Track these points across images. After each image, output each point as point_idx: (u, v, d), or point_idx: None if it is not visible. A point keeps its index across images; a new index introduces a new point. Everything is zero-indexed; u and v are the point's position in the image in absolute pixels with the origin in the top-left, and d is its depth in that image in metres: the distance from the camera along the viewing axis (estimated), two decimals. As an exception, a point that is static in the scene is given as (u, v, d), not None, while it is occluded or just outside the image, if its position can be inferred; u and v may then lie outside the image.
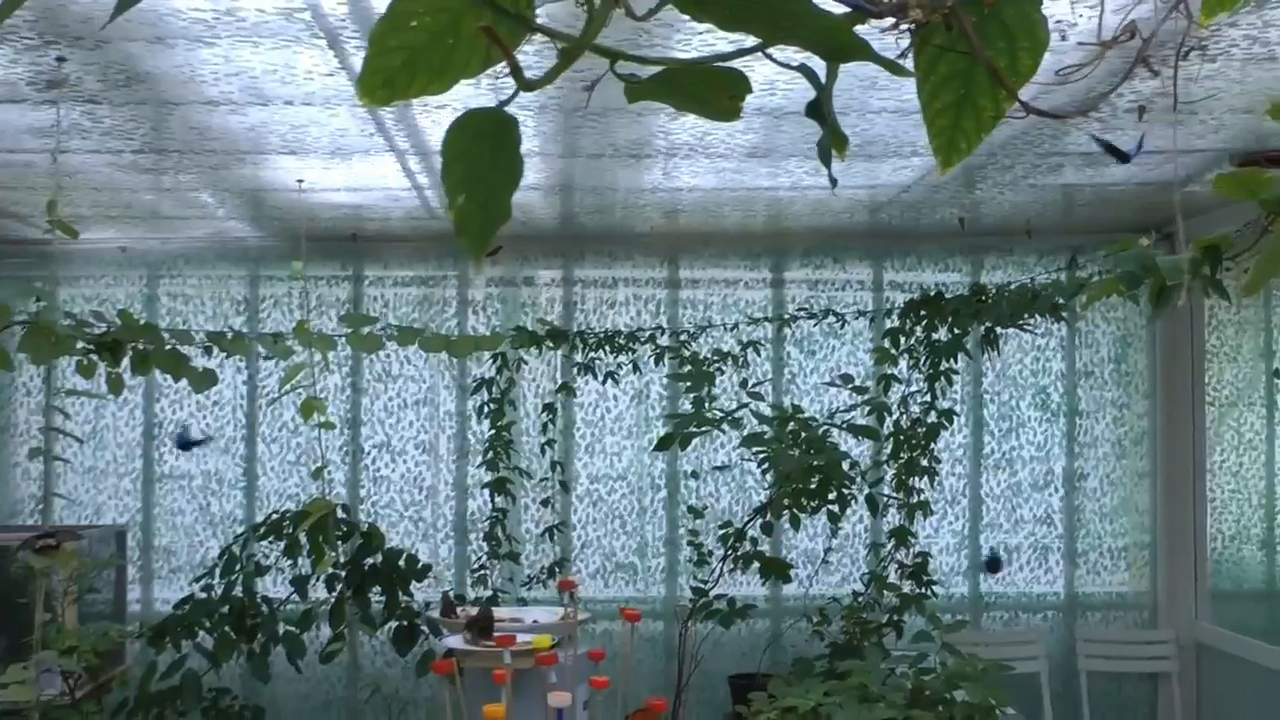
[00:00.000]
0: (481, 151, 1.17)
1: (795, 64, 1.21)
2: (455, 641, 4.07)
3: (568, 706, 3.46)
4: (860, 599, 5.52)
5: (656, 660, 5.89)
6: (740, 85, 1.23)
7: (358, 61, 3.24)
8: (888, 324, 5.79)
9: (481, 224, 1.19)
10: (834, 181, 1.41)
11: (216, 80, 3.39)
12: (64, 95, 3.51)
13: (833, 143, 1.27)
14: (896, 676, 4.47)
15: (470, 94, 3.52)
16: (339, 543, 5.17)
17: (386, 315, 5.86)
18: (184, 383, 4.60)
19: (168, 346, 4.61)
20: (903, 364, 5.65)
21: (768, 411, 5.35)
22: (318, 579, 5.23)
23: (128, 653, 5.48)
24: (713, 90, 1.23)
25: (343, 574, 5.16)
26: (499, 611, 4.83)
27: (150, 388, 5.97)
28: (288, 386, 4.31)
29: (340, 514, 5.08)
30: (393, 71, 1.17)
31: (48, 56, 3.21)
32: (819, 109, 1.26)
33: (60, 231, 3.54)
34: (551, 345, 5.63)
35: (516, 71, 1.10)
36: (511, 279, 6.02)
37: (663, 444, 5.25)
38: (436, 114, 3.73)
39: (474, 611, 4.47)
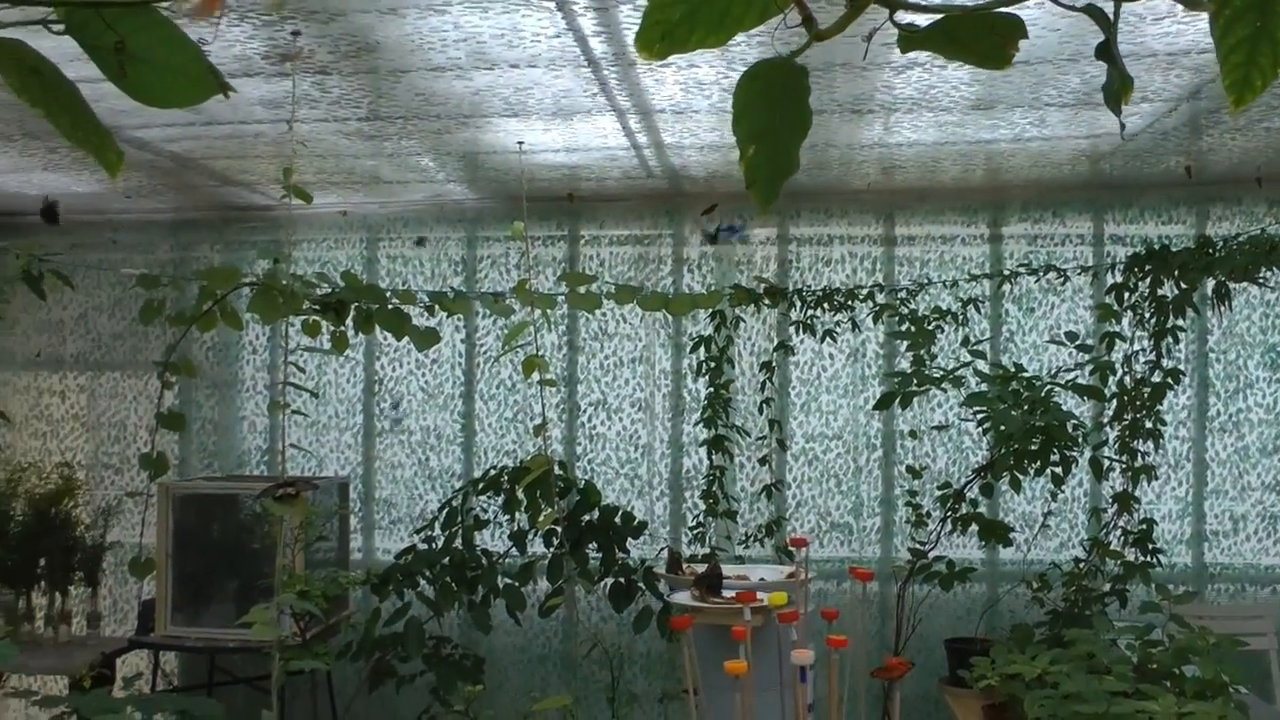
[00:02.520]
0: (771, 102, 1.16)
1: (1081, 4, 1.16)
2: (683, 597, 4.08)
3: (811, 664, 3.43)
4: (1082, 566, 5.36)
5: (871, 621, 5.83)
6: (1016, 31, 1.19)
7: (584, 23, 3.26)
8: (1109, 279, 5.58)
9: (769, 175, 1.17)
10: (1123, 126, 1.35)
11: (444, 46, 3.44)
12: (297, 67, 3.60)
13: (1120, 86, 1.22)
14: (1120, 648, 4.34)
15: (697, 51, 3.50)
16: (556, 499, 5.25)
17: (602, 274, 5.92)
18: (404, 341, 4.74)
19: (391, 306, 4.74)
20: (1126, 320, 5.45)
21: (988, 370, 5.23)
22: (536, 534, 5.32)
23: (350, 599, 5.68)
24: (987, 37, 1.19)
25: (560, 529, 5.23)
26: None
27: (370, 346, 6.15)
28: (510, 345, 4.37)
29: (557, 470, 5.15)
30: (672, 25, 1.16)
31: (283, 31, 3.29)
32: (1107, 50, 1.21)
33: (296, 197, 3.63)
34: (769, 303, 5.58)
35: (808, 20, 1.08)
36: (726, 237, 5.99)
37: (883, 403, 5.17)
38: (660, 72, 3.72)
39: (698, 568, 4.47)
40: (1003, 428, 4.95)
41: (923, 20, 1.12)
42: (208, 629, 5.41)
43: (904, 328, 5.50)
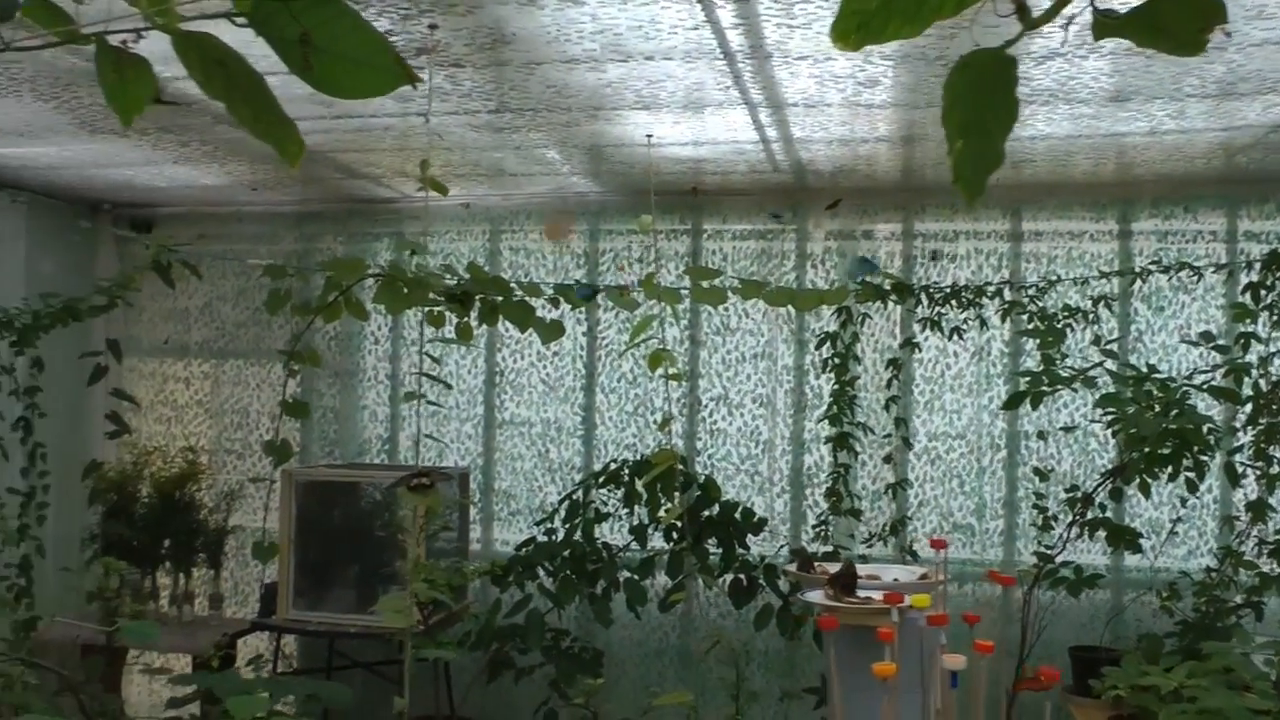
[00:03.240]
0: (980, 94, 1.12)
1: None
2: (816, 597, 4.02)
3: (962, 670, 3.35)
4: (1214, 575, 5.20)
5: (992, 625, 5.72)
6: (1217, 14, 1.14)
7: (723, 15, 3.22)
8: (1244, 278, 5.41)
9: (976, 169, 1.14)
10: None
11: (580, 38, 3.42)
12: (432, 60, 3.60)
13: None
14: (1256, 663, 4.20)
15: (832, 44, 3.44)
16: (677, 494, 5.22)
17: (725, 269, 5.87)
18: (526, 333, 4.74)
19: (516, 298, 4.74)
20: (1262, 320, 5.27)
21: (1121, 370, 5.10)
22: (657, 528, 5.30)
23: (467, 590, 5.70)
24: (1186, 21, 1.15)
25: (680, 524, 5.20)
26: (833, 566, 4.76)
27: (492, 337, 6.17)
28: (637, 339, 4.34)
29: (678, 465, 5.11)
30: (868, 15, 1.13)
31: (420, 24, 3.29)
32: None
33: (433, 190, 3.64)
34: (896, 299, 5.49)
35: (1022, 10, 1.04)
36: (850, 232, 5.91)
37: (1012, 402, 5.06)
38: (795, 65, 3.67)
39: (829, 567, 4.40)
40: (1137, 430, 4.81)
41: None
42: (329, 613, 5.47)
43: (1032, 325, 5.38)
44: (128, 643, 5.71)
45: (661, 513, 5.20)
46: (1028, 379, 4.98)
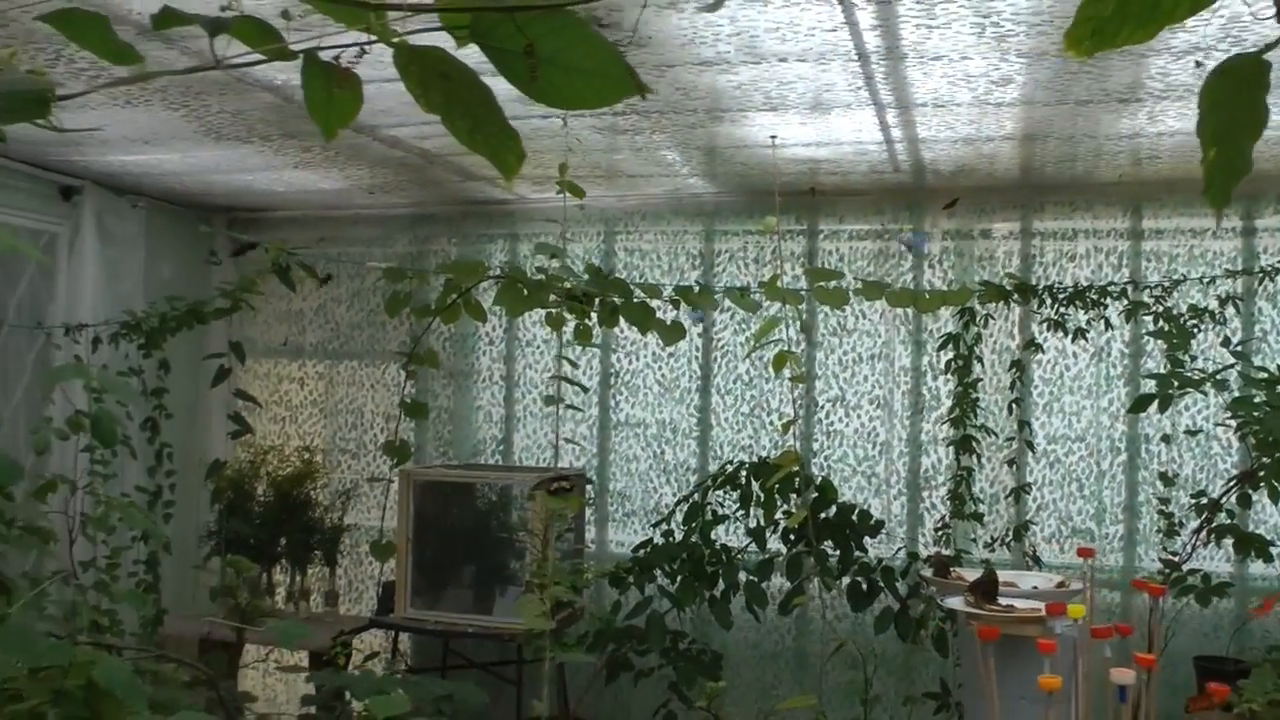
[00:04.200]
0: (1235, 100, 1.09)
1: None
2: (956, 603, 3.97)
3: (1130, 684, 3.28)
4: (1346, 584, 5.07)
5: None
6: None
7: (863, 16, 3.18)
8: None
9: (1226, 176, 1.11)
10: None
11: (716, 41, 3.40)
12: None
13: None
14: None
15: (971, 42, 3.41)
16: (794, 496, 5.18)
17: (841, 269, 5.81)
18: (641, 334, 4.73)
19: (636, 300, 4.73)
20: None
21: (1253, 372, 4.98)
22: (775, 530, 5.26)
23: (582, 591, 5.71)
24: None
25: (793, 525, 5.16)
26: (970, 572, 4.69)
27: (607, 338, 6.17)
28: (760, 341, 4.31)
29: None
30: (1102, 20, 1.10)
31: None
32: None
33: (570, 194, 3.65)
34: (1018, 300, 5.41)
35: None
36: (968, 231, 5.83)
37: (1139, 405, 4.95)
38: (929, 65, 3.62)
39: (965, 574, 4.35)
40: (1271, 435, 4.69)
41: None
42: (445, 613, 5.51)
43: (1157, 326, 5.27)
44: (267, 641, 5.80)
45: (779, 514, 5.18)
46: (1155, 381, 4.88)
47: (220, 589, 5.60)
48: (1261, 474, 4.79)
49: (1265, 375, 4.86)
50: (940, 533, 5.50)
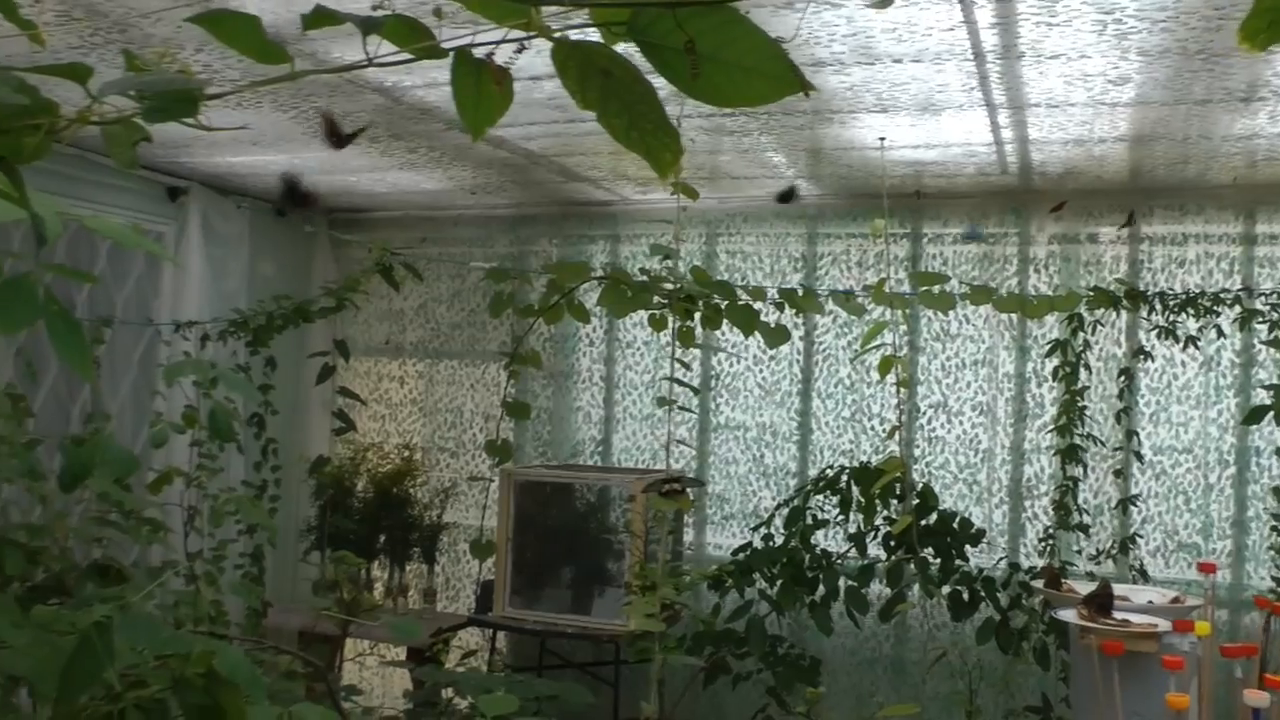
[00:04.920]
0: None
1: None
2: (1070, 616, 3.90)
3: (1265, 707, 3.20)
4: None
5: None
6: None
7: (982, 15, 3.14)
8: None
9: None
10: None
11: (831, 41, 3.37)
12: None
13: None
14: None
15: (1091, 40, 3.35)
16: (895, 502, 5.13)
17: (945, 273, 5.74)
18: (740, 336, 4.69)
19: (740, 302, 4.71)
20: None
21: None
22: (875, 536, 5.22)
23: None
24: None
25: (897, 532, 5.10)
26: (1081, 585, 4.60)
27: (708, 340, 6.13)
28: (868, 345, 4.28)
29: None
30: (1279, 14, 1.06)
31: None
32: None
33: (683, 195, 3.65)
34: (1127, 306, 5.30)
35: None
36: (1074, 235, 5.73)
37: (1254, 416, 4.83)
38: (1046, 64, 3.57)
39: (1076, 586, 4.27)
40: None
41: None
42: (544, 612, 5.52)
43: (1271, 335, 5.14)
44: (370, 636, 5.86)
45: (879, 520, 5.13)
46: (1271, 392, 4.77)
47: (323, 583, 5.66)
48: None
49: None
50: (1045, 543, 5.40)
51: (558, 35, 1.18)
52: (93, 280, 4.94)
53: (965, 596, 5.11)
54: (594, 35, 1.23)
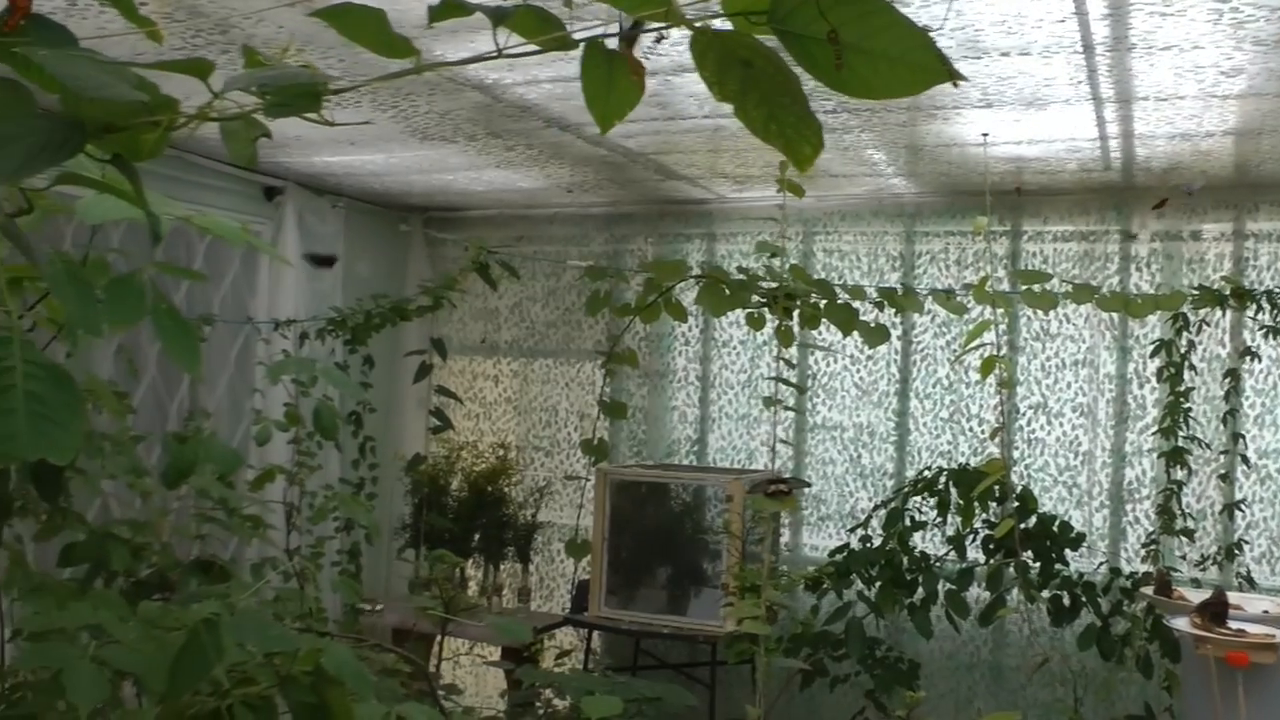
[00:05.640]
0: None
1: None
2: (1181, 625, 3.82)
3: None
4: None
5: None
6: None
7: (1094, 5, 3.08)
8: None
9: None
10: None
11: (938, 36, 3.30)
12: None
13: None
14: None
15: (1205, 30, 3.27)
16: (994, 504, 5.05)
17: (1045, 271, 5.64)
18: (836, 335, 4.64)
19: (840, 301, 4.67)
20: None
21: None
22: (974, 539, 5.14)
23: (775, 594, 5.65)
24: None
25: (1000, 535, 5.01)
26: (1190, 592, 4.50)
27: (803, 339, 6.08)
28: (970, 345, 4.22)
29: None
30: None
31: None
32: None
33: (789, 192, 3.63)
34: (1234, 305, 5.16)
35: None
36: (1176, 233, 5.60)
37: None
38: (1157, 56, 3.49)
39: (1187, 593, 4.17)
40: None
41: None
42: (640, 613, 5.51)
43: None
44: (468, 635, 5.88)
45: (978, 522, 5.05)
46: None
47: (419, 581, 5.70)
48: None
49: None
50: (1147, 549, 5.28)
51: (702, 24, 1.15)
52: (201, 278, 5.00)
53: (1066, 602, 5.02)
54: (728, 26, 1.20)
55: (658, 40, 1.17)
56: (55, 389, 1.48)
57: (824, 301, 4.60)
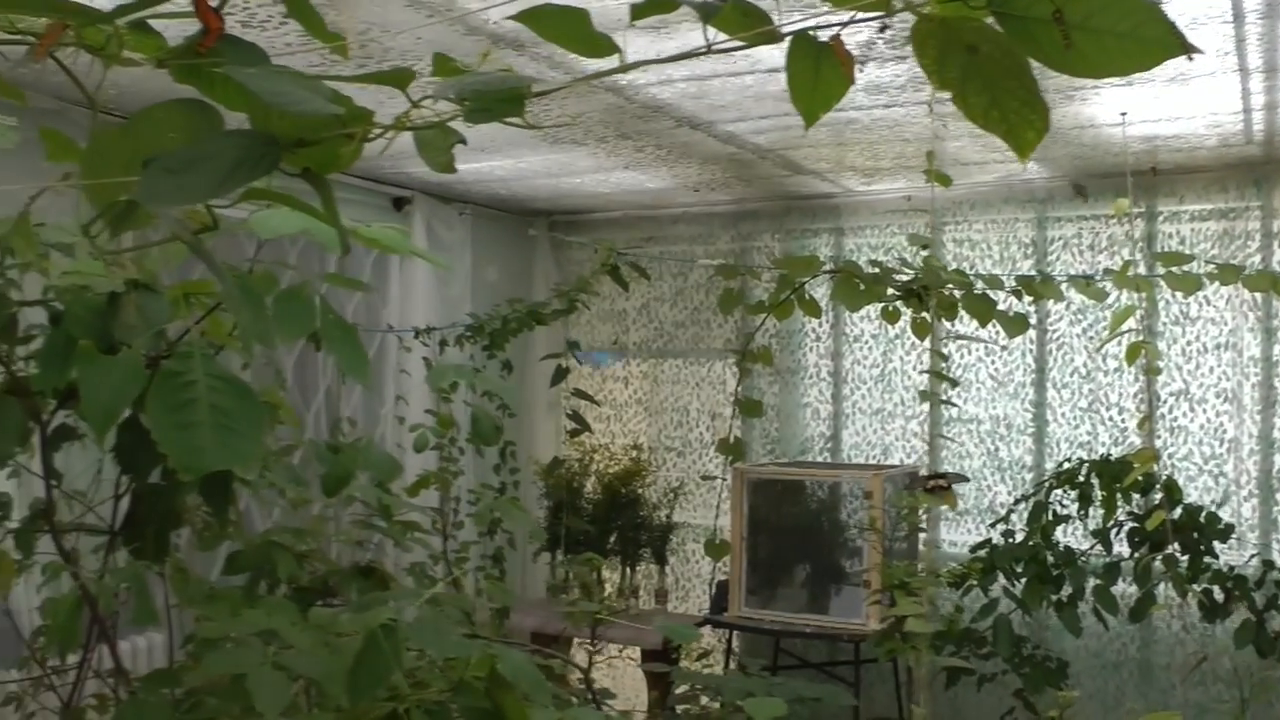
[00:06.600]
0: None
1: None
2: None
3: None
4: None
5: None
6: None
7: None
8: None
9: None
10: None
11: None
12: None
13: None
14: None
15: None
16: (1137, 496, 4.95)
17: (1186, 252, 5.51)
18: (971, 326, 4.58)
19: (976, 291, 4.61)
20: None
21: None
22: (1119, 532, 5.04)
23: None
24: None
25: (1152, 528, 4.90)
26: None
27: (936, 331, 6.00)
28: (1116, 331, 4.14)
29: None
30: None
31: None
32: None
33: (938, 183, 3.60)
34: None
35: None
36: (1321, 208, 5.46)
37: None
38: (1312, 26, 3.41)
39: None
40: None
41: None
42: (780, 612, 5.50)
43: None
44: (612, 638, 5.90)
45: (1121, 514, 4.96)
46: None
47: (558, 584, 5.73)
48: None
49: None
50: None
51: (929, 9, 1.15)
52: (365, 288, 5.08)
53: (1217, 596, 4.88)
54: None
55: (881, 30, 1.17)
56: (237, 401, 1.52)
57: (960, 293, 4.55)
